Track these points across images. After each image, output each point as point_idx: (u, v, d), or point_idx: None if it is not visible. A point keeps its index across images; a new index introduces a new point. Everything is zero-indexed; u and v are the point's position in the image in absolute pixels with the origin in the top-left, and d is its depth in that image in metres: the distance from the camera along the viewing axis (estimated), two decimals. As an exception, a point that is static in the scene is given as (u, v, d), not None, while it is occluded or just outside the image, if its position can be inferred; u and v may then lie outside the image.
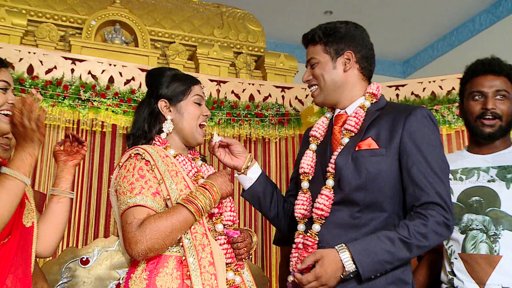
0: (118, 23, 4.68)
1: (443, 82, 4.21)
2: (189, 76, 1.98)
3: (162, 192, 1.70)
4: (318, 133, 1.93)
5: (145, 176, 1.69)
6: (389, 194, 1.72)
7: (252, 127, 4.33)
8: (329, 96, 1.89)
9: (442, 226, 1.66)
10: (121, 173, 1.73)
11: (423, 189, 1.68)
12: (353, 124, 1.81)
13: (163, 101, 1.88)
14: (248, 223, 4.27)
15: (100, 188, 3.87)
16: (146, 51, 4.64)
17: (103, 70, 4.07)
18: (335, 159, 1.77)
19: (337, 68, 1.86)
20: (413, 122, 1.74)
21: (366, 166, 1.72)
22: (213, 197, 1.72)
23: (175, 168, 1.76)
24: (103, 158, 3.93)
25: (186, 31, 5.05)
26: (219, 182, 1.77)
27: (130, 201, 1.65)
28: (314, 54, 1.90)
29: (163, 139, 1.85)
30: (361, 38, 1.89)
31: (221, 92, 4.43)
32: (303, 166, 1.88)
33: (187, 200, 1.67)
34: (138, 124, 1.88)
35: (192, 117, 1.89)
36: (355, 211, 1.72)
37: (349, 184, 1.73)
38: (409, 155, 1.71)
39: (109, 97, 3.88)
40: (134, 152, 1.76)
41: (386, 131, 1.76)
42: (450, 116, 3.95)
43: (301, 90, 4.65)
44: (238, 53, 5.17)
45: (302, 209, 1.84)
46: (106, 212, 3.82)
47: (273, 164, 4.45)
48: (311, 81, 1.92)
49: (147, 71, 1.99)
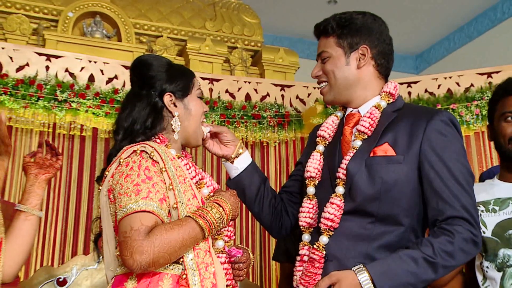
0: (98, 14, 4.67)
1: (461, 78, 4.20)
2: (185, 67, 1.99)
3: (169, 199, 1.66)
4: (326, 133, 1.93)
5: (152, 178, 1.65)
6: (406, 207, 1.71)
7: (249, 130, 4.31)
8: (340, 94, 1.89)
9: (469, 243, 1.64)
10: (122, 170, 1.67)
11: (448, 202, 1.67)
12: (367, 126, 1.80)
13: (169, 95, 1.85)
14: (245, 236, 4.25)
15: (79, 199, 3.84)
16: (130, 46, 4.62)
17: (82, 67, 4.05)
18: (346, 164, 1.76)
19: (350, 64, 1.85)
20: (434, 128, 1.73)
21: (381, 175, 1.71)
22: (226, 216, 1.71)
23: (183, 173, 1.73)
24: (82, 166, 3.90)
25: (174, 24, 5.04)
26: (232, 202, 1.75)
27: (134, 205, 1.59)
28: (326, 47, 1.89)
29: (163, 137, 1.82)
30: (379, 31, 1.87)
31: (214, 91, 4.42)
32: (309, 169, 1.87)
33: (199, 214, 1.64)
34: (136, 119, 1.81)
35: (198, 113, 1.89)
36: (367, 222, 1.71)
37: (362, 194, 1.72)
38: (431, 164, 1.70)
39: (89, 97, 3.86)
40: (140, 148, 1.70)
41: (405, 136, 1.75)
42: (468, 115, 3.93)
43: (302, 88, 4.63)
44: (233, 48, 5.15)
45: (308, 218, 1.83)
46: (86, 226, 3.79)
47: (272, 170, 4.44)
48: (320, 77, 1.92)
49: (137, 59, 1.93)
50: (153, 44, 4.84)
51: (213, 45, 4.89)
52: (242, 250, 1.83)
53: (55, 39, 4.37)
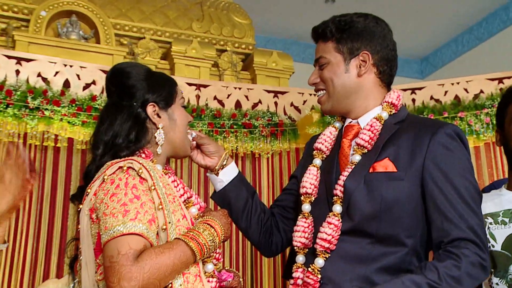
0: (74, 14, 4.66)
1: (469, 83, 4.21)
2: (167, 75, 2.02)
3: (158, 220, 1.67)
4: (324, 146, 1.94)
5: (140, 197, 1.65)
6: (407, 226, 1.72)
7: (239, 140, 4.30)
8: (339, 104, 1.90)
9: (477, 267, 1.64)
10: (107, 188, 1.67)
11: (453, 222, 1.67)
12: (366, 139, 1.81)
13: (152, 105, 1.86)
14: (235, 256, 4.23)
15: (53, 217, 3.81)
16: (109, 48, 4.62)
17: (57, 72, 4.03)
18: (344, 180, 1.77)
19: (350, 71, 1.87)
20: (439, 142, 1.74)
21: (381, 192, 1.71)
22: (218, 238, 1.73)
23: (172, 191, 1.75)
24: (56, 180, 3.88)
25: (158, 25, 5.04)
26: (222, 223, 1.77)
27: (122, 227, 1.59)
28: (324, 52, 1.91)
29: (149, 151, 1.84)
30: (381, 36, 1.89)
31: (201, 98, 4.41)
32: (305, 185, 1.88)
33: (190, 236, 1.65)
34: (117, 132, 1.82)
35: (184, 123, 1.92)
36: (366, 243, 1.72)
37: (360, 212, 1.72)
38: (434, 181, 1.71)
39: (64, 105, 3.84)
40: (127, 164, 1.70)
41: (407, 151, 1.76)
42: (478, 125, 3.94)
43: (297, 95, 4.64)
44: (222, 50, 5.15)
45: (303, 238, 1.83)
46: (60, 246, 3.76)
47: (265, 184, 4.43)
48: (318, 84, 1.93)
49: (113, 67, 1.95)
50: (134, 47, 4.83)
51: (200, 48, 4.89)
52: (233, 274, 1.84)
53: (26, 41, 4.35)
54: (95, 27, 4.71)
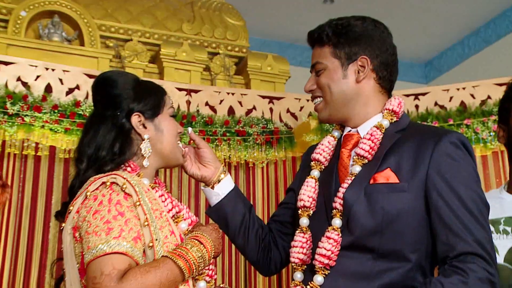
0: (57, 14, 4.67)
1: (476, 89, 4.23)
2: (155, 84, 2.02)
3: (144, 237, 1.67)
4: (322, 157, 1.94)
5: (125, 214, 1.66)
6: (411, 241, 1.71)
7: (232, 149, 4.31)
8: (337, 112, 1.90)
9: (485, 283, 1.63)
10: (90, 205, 1.67)
11: (459, 236, 1.67)
12: (366, 149, 1.80)
13: (137, 115, 1.87)
14: (228, 273, 4.23)
15: (33, 230, 3.80)
16: (94, 51, 4.62)
17: (38, 75, 4.04)
18: (343, 193, 1.77)
19: (348, 77, 1.87)
20: (443, 151, 1.74)
21: (382, 205, 1.71)
22: (208, 254, 1.72)
23: (158, 206, 1.74)
24: (37, 191, 3.87)
25: (146, 26, 5.05)
26: (213, 238, 1.76)
27: (105, 246, 1.60)
28: (320, 57, 1.91)
29: (135, 164, 1.84)
30: (380, 39, 1.89)
31: (192, 104, 4.42)
32: (303, 198, 1.87)
33: (177, 254, 1.65)
34: (101, 144, 1.83)
35: (172, 133, 1.92)
36: (367, 259, 1.71)
37: (361, 226, 1.72)
38: (439, 192, 1.71)
39: (45, 111, 3.84)
40: (110, 179, 1.71)
41: (409, 160, 1.76)
42: (485, 132, 3.96)
43: (294, 101, 4.65)
44: (214, 54, 5.16)
45: (301, 253, 1.82)
46: (40, 261, 3.75)
47: (259, 195, 4.44)
48: (315, 91, 1.93)
49: (100, 75, 1.96)
50: (121, 49, 4.83)
51: (191, 51, 4.90)
52: None
53: (5, 43, 4.36)
54: (79, 28, 4.71)
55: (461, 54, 7.30)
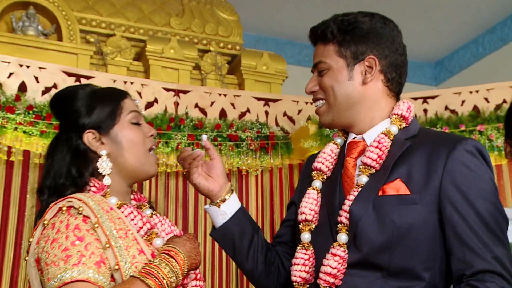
0: (32, 5, 4.65)
1: (490, 92, 4.24)
2: (112, 90, 1.99)
3: (108, 260, 1.68)
4: (324, 166, 1.93)
5: (84, 238, 1.67)
6: (424, 257, 1.72)
7: (224, 155, 4.32)
8: (340, 116, 1.90)
9: None
10: (48, 234, 1.70)
11: (477, 253, 1.67)
12: (374, 158, 1.80)
13: (89, 132, 1.87)
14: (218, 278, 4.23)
15: (4, 242, 3.80)
16: (73, 47, 4.62)
17: (11, 73, 4.04)
18: (350, 205, 1.77)
19: (353, 79, 1.87)
20: (458, 160, 1.74)
21: (392, 218, 1.71)
22: (181, 268, 1.71)
23: (124, 225, 1.75)
24: (9, 199, 3.87)
25: (131, 20, 5.05)
26: (187, 249, 1.76)
27: (65, 275, 1.62)
28: (323, 56, 1.90)
29: (100, 183, 1.85)
30: (390, 38, 1.89)
31: (180, 106, 4.42)
32: (305, 211, 1.87)
33: (145, 272, 1.65)
34: (59, 171, 1.85)
35: (135, 143, 1.89)
36: (376, 277, 1.72)
37: (370, 242, 1.72)
38: (454, 205, 1.71)
39: (19, 111, 3.85)
40: (66, 204, 1.73)
41: (421, 170, 1.76)
42: (500, 140, 3.97)
43: (291, 103, 4.66)
44: (205, 51, 5.17)
45: (304, 272, 1.82)
46: (12, 277, 3.74)
47: (253, 205, 4.44)
48: (317, 93, 1.93)
49: (53, 97, 1.97)
50: (103, 45, 4.83)
51: (180, 48, 4.90)
52: None
53: (-25, 37, 4.36)
54: (56, 21, 4.71)
55: (475, 54, 7.31)
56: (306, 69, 2.01)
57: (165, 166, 4.20)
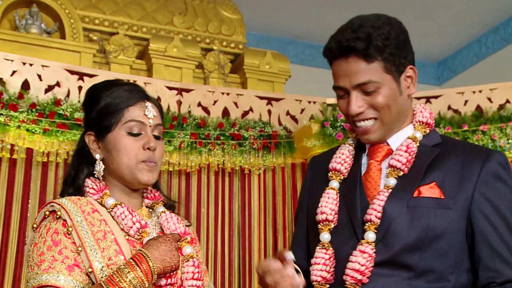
0: (35, 3, 4.65)
1: (493, 92, 4.24)
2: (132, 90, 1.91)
3: (83, 263, 1.71)
4: (343, 167, 1.92)
5: (60, 242, 1.71)
6: (452, 261, 1.74)
7: (227, 154, 4.32)
8: (390, 131, 1.88)
9: None
10: (32, 238, 1.76)
11: (508, 262, 1.70)
12: (403, 161, 1.81)
13: (90, 134, 1.89)
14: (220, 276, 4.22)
15: (7, 240, 3.80)
16: (76, 45, 4.62)
17: (14, 71, 4.04)
18: (383, 205, 1.77)
19: (403, 93, 1.85)
20: (491, 172, 1.77)
21: (428, 220, 1.73)
22: (145, 276, 1.67)
23: (105, 227, 1.77)
24: (11, 198, 3.87)
25: (134, 18, 5.05)
26: (161, 251, 1.71)
27: (34, 280, 1.67)
28: (371, 75, 1.80)
29: (100, 185, 1.86)
30: (409, 40, 1.88)
31: (183, 105, 4.43)
32: (325, 211, 1.86)
33: (110, 280, 1.65)
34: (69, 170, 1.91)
35: (124, 154, 1.84)
36: (404, 277, 1.72)
37: (401, 241, 1.73)
38: (485, 214, 1.74)
39: (22, 109, 3.85)
40: (49, 208, 1.77)
41: (454, 177, 1.78)
42: (503, 140, 3.96)
43: (294, 102, 4.66)
44: (208, 50, 5.16)
45: (324, 271, 1.81)
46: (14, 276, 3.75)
47: (255, 204, 4.44)
48: (366, 113, 1.84)
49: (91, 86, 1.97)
50: (106, 44, 4.83)
51: (183, 46, 4.90)
52: None
53: (-22, 35, 4.36)
54: (59, 19, 4.71)
55: (478, 54, 7.30)
56: (309, 68, 2.00)
57: (167, 164, 4.20)
